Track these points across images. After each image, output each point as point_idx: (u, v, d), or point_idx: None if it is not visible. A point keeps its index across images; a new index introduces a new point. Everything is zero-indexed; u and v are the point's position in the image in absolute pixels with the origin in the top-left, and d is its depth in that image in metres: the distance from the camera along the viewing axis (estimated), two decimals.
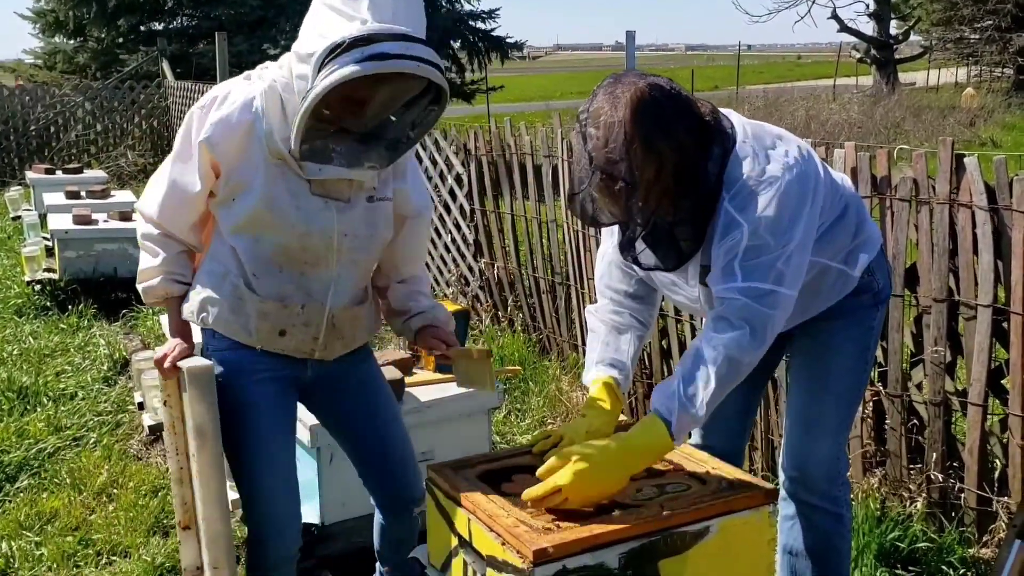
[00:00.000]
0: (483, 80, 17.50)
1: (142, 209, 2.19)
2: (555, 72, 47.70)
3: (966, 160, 2.68)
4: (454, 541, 2.03)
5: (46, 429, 4.03)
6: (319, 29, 1.87)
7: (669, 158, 1.86)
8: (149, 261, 2.20)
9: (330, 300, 2.19)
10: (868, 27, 24.36)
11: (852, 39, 24.27)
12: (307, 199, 2.09)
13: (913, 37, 26.54)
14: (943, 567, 2.77)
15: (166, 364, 2.19)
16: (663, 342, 3.93)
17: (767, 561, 2.02)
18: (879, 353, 3.00)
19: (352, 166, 2.03)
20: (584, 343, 4.48)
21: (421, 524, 2.47)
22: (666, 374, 3.93)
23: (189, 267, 2.23)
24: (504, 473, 2.11)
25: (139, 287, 2.23)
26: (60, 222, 6.15)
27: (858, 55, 24.28)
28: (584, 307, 4.42)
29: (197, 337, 2.28)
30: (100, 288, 6.01)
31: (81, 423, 4.13)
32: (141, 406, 4.03)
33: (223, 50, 9.65)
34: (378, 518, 2.53)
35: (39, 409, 4.27)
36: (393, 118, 2.03)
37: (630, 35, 8.04)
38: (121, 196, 7.25)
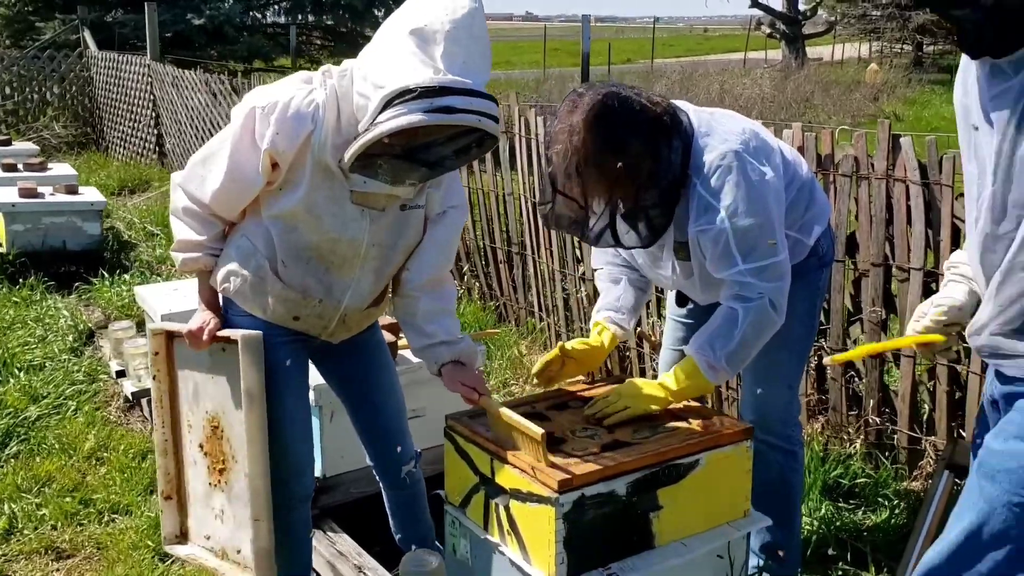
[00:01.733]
0: None
1: (191, 192, 2.27)
2: None
3: (902, 140, 3.03)
4: (474, 479, 2.29)
5: (23, 399, 4.12)
6: (394, 65, 1.94)
7: (625, 169, 2.10)
8: (191, 235, 2.31)
9: (347, 300, 2.33)
10: (778, 3, 25.13)
11: (760, 13, 24.98)
12: (345, 206, 2.20)
13: (820, 13, 27.44)
14: (879, 499, 3.15)
15: (204, 336, 2.32)
16: None
17: (745, 488, 2.34)
18: (822, 313, 3.35)
19: (396, 183, 2.13)
20: (541, 309, 4.77)
21: (415, 487, 2.71)
22: None
23: (223, 241, 2.36)
24: None
25: (177, 255, 2.35)
26: (5, 195, 6.12)
27: (768, 30, 25.02)
28: (540, 275, 4.71)
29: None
30: (50, 261, 6.02)
31: (58, 392, 4.23)
32: (120, 374, 4.16)
33: (153, 21, 9.56)
34: (384, 498, 2.74)
35: (11, 380, 4.34)
36: (441, 145, 2.08)
37: (586, 18, 8.30)
38: (60, 169, 7.20)
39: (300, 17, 14.94)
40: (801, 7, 25.02)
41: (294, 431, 2.43)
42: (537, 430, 2.07)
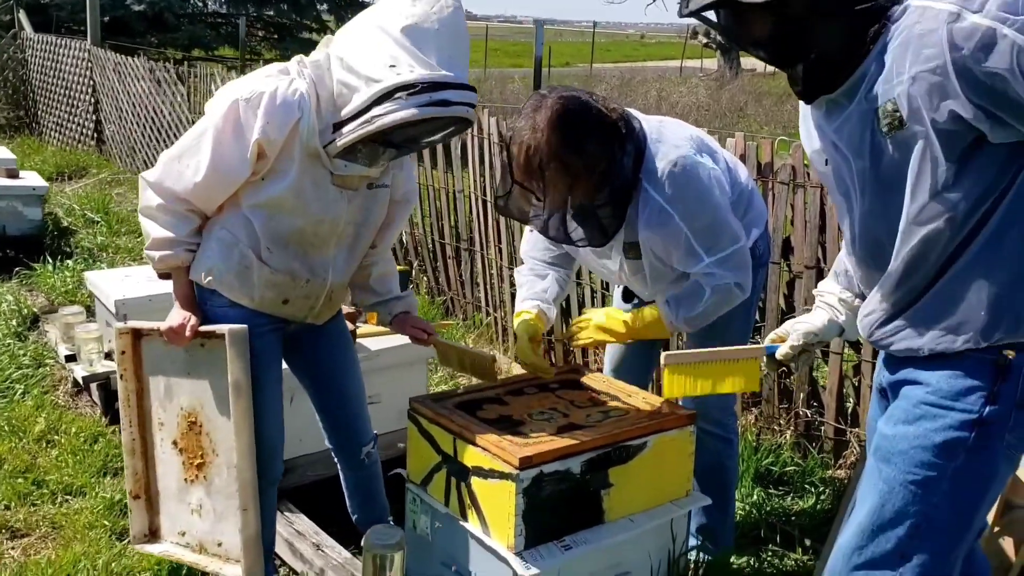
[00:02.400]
0: None
1: (169, 187, 2.31)
2: None
3: (748, 144, 3.26)
4: (436, 459, 2.42)
5: None
6: (386, 60, 2.06)
7: (582, 168, 2.27)
8: (166, 232, 2.34)
9: (331, 277, 2.46)
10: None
11: (697, 23, 25.43)
12: (327, 189, 2.31)
13: None
14: (807, 486, 3.36)
15: (187, 333, 2.39)
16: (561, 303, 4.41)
17: (688, 470, 2.52)
18: (757, 311, 3.56)
19: (371, 165, 2.29)
20: (488, 304, 4.91)
21: (372, 467, 2.83)
22: (562, 327, 4.41)
23: (199, 236, 2.41)
24: (476, 404, 2.52)
25: (152, 254, 2.38)
26: None
27: (704, 40, 25.54)
28: (488, 271, 4.85)
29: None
30: None
31: (4, 376, 4.22)
32: (69, 359, 4.17)
33: (94, 5, 9.45)
34: (342, 479, 2.85)
35: None
36: (425, 133, 2.24)
37: (539, 23, 8.45)
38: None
39: (241, 8, 14.80)
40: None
41: (271, 418, 2.52)
42: (487, 353, 2.53)
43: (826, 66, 1.70)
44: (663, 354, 2.25)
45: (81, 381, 4.01)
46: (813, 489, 3.34)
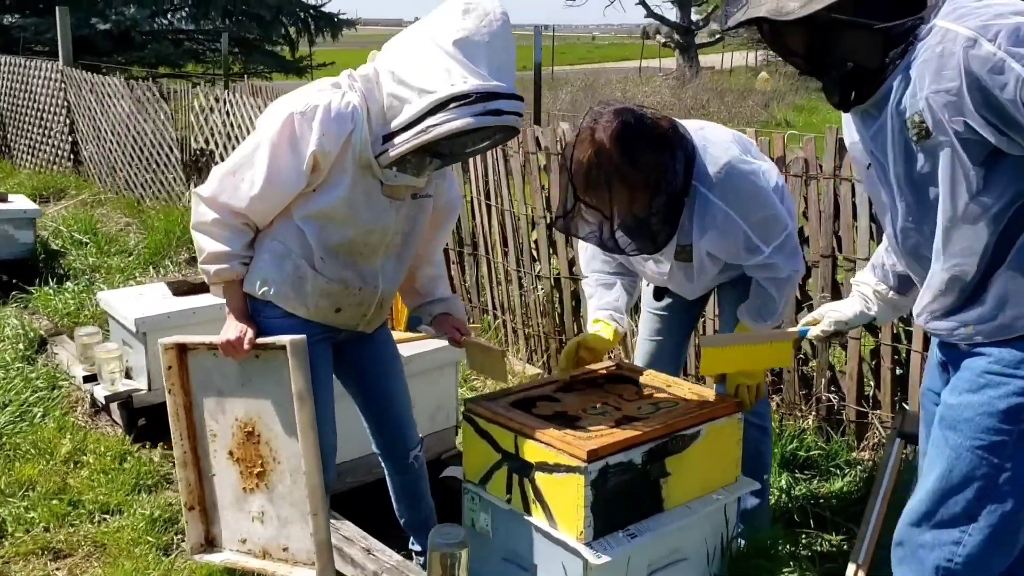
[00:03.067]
0: (311, 56, 17.50)
1: (224, 202, 2.34)
2: (367, 47, 47.49)
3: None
4: (495, 457, 2.48)
5: None
6: (440, 71, 2.13)
7: (643, 180, 2.37)
8: (220, 246, 2.38)
9: (381, 284, 2.51)
10: (671, 13, 25.98)
11: (654, 22, 25.75)
12: (378, 199, 2.37)
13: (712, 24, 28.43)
14: (832, 468, 3.47)
15: (245, 346, 2.43)
16: (572, 302, 4.49)
17: (736, 456, 2.60)
18: None
19: (419, 174, 2.36)
20: (495, 307, 4.98)
21: (420, 470, 2.88)
22: (576, 331, 4.49)
23: (252, 249, 2.45)
24: (529, 402, 2.59)
25: (208, 268, 2.42)
26: None
27: (663, 40, 25.83)
28: (496, 275, 4.92)
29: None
30: None
31: (21, 400, 4.21)
32: (88, 379, 4.17)
33: (65, 25, 9.37)
34: (387, 478, 2.89)
35: None
36: (477, 142, 2.33)
37: (538, 28, 8.54)
38: None
39: (206, 24, 14.74)
40: (694, 17, 25.92)
41: (325, 425, 2.56)
42: (498, 348, 2.73)
43: (856, 78, 1.86)
44: (701, 338, 2.35)
45: (103, 401, 4.01)
46: (839, 472, 3.45)
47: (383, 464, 2.90)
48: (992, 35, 1.64)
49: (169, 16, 14.95)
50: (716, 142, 2.50)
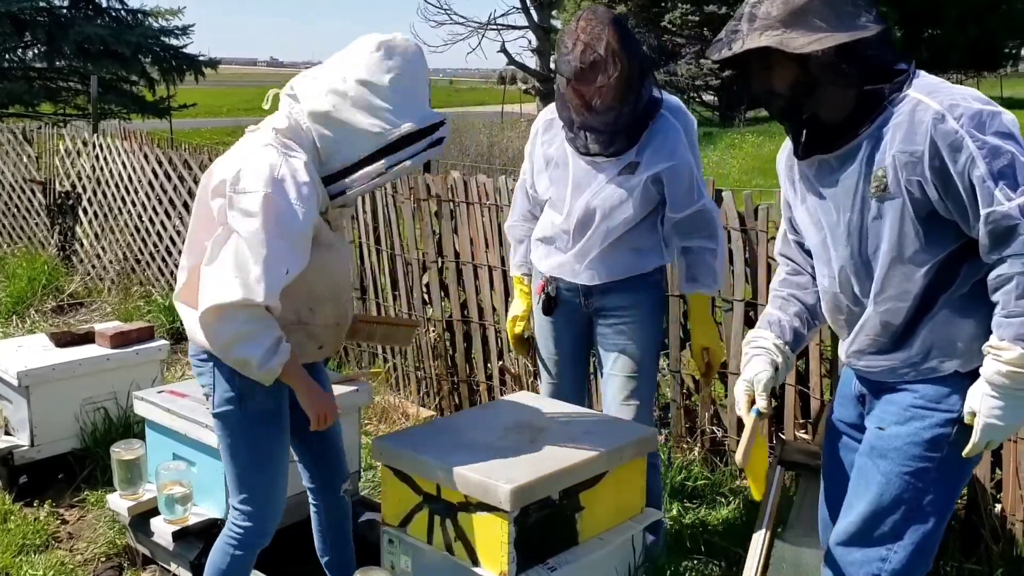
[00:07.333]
0: (172, 97, 17.02)
1: (252, 299, 2.22)
2: (224, 87, 46.62)
3: (724, 194, 3.63)
4: (416, 499, 2.56)
5: None
6: (382, 111, 2.29)
7: (636, 69, 2.68)
8: (268, 340, 2.28)
9: (350, 314, 2.67)
10: (531, 61, 26.68)
11: (514, 68, 26.36)
12: (337, 236, 2.52)
13: None
14: (718, 496, 3.69)
15: (339, 411, 2.61)
16: (465, 344, 4.61)
17: (642, 487, 2.76)
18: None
19: (346, 204, 2.53)
20: (384, 351, 5.02)
21: (347, 506, 2.92)
22: (468, 373, 4.60)
23: None
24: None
25: (269, 366, 2.29)
26: None
27: (524, 86, 26.46)
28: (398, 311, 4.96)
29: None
30: None
31: None
32: None
33: None
34: (313, 516, 2.90)
35: None
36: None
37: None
38: None
39: (59, 61, 14.21)
40: (552, 66, 26.68)
41: (284, 476, 2.62)
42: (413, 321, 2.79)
43: (828, 128, 2.06)
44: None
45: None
46: (724, 500, 3.67)
47: (314, 501, 2.90)
48: (957, 115, 1.89)
49: (20, 53, 14.35)
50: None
